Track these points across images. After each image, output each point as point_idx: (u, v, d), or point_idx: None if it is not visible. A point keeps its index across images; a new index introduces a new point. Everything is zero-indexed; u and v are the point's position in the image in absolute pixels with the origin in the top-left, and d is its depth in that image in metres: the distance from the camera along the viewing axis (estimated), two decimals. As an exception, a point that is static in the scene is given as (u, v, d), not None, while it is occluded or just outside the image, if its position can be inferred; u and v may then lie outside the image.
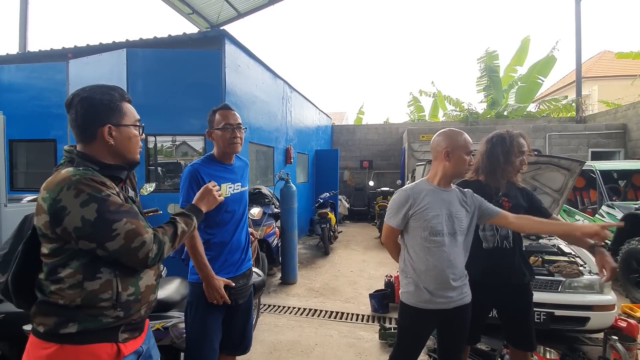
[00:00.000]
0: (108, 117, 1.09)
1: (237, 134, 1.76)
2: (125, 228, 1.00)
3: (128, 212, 1.03)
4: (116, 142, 1.11)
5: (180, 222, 1.20)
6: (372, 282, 4.61)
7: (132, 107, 1.18)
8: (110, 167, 1.12)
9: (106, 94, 1.11)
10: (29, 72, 4.84)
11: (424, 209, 1.62)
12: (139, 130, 1.18)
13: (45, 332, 1.00)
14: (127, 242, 1.00)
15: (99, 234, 0.98)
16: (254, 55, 5.05)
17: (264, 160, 5.84)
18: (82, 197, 0.96)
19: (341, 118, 20.51)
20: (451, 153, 1.63)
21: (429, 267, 1.62)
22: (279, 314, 3.66)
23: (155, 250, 1.05)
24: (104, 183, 1.04)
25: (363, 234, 8.07)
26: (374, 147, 10.56)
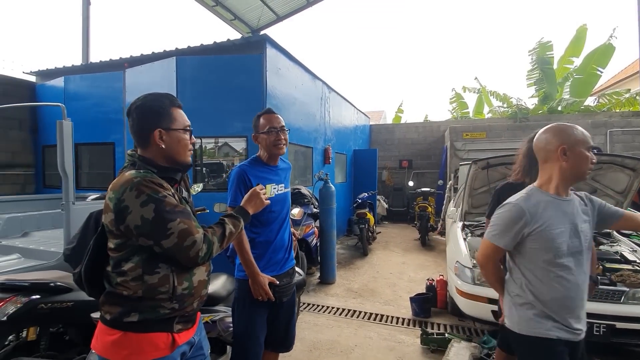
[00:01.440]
0: (159, 122, 1.17)
1: (281, 136, 1.84)
2: (179, 227, 1.07)
3: (182, 213, 1.10)
4: (167, 145, 1.18)
5: (229, 224, 1.26)
6: (412, 285, 4.50)
7: (182, 113, 1.25)
8: (166, 170, 1.20)
9: (157, 100, 1.20)
10: (91, 81, 5.30)
11: (546, 226, 1.34)
12: (188, 134, 1.24)
13: (111, 319, 1.11)
14: (180, 241, 1.07)
15: (156, 232, 1.06)
16: (294, 58, 5.14)
17: (303, 160, 5.92)
18: (142, 197, 1.05)
19: (379, 117, 20.22)
20: (569, 150, 1.34)
21: (557, 297, 1.35)
22: (319, 313, 3.70)
23: (205, 249, 1.11)
24: (161, 185, 1.11)
25: (402, 235, 7.91)
26: (414, 146, 10.29)
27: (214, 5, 9.31)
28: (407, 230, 8.32)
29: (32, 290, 1.96)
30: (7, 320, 1.84)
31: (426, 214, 6.88)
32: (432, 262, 5.67)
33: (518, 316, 1.43)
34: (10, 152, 5.65)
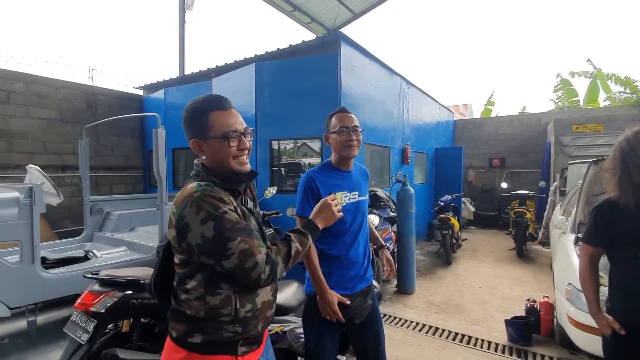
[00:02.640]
0: (193, 132, 1.10)
1: (353, 136, 1.66)
2: (239, 248, 0.98)
3: (243, 230, 1.01)
4: (207, 155, 1.10)
5: (295, 241, 1.15)
6: (507, 304, 3.91)
7: (226, 116, 1.09)
8: (228, 180, 1.12)
9: (194, 107, 1.10)
10: (184, 92, 5.85)
11: None
12: (230, 140, 1.08)
13: (177, 337, 1.07)
14: (241, 262, 0.99)
15: (216, 252, 0.99)
16: (369, 54, 4.91)
17: (380, 161, 5.65)
18: (201, 214, 0.98)
19: (465, 111, 18.60)
20: None
21: None
22: (395, 327, 3.43)
23: (268, 271, 1.02)
24: (222, 199, 1.04)
25: (493, 243, 7.04)
26: (507, 142, 9.10)
27: (292, 10, 9.57)
28: (498, 238, 7.40)
29: (126, 286, 2.13)
30: (105, 312, 2.04)
31: (524, 220, 5.97)
32: (531, 277, 4.89)
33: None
34: (125, 156, 6.57)
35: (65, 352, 2.04)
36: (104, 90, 6.23)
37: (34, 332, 2.88)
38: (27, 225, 2.65)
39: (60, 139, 5.58)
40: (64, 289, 2.75)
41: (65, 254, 3.67)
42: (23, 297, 2.62)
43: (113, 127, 6.29)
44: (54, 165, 5.51)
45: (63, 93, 5.64)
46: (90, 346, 2.00)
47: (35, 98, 5.33)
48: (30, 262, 2.66)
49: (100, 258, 3.55)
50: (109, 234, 4.31)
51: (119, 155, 6.47)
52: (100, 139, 6.15)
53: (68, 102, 5.70)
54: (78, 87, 5.86)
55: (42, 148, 5.41)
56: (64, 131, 5.62)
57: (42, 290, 2.71)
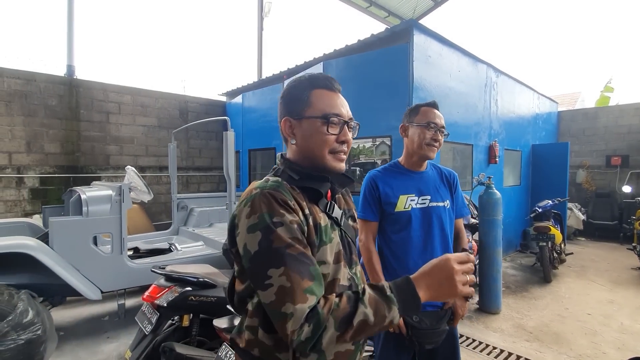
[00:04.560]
0: (288, 109, 0.91)
1: (438, 136, 1.51)
2: (279, 281, 0.72)
3: (294, 260, 0.73)
4: (297, 139, 0.89)
5: (367, 305, 0.73)
6: (627, 340, 3.10)
7: (330, 96, 0.90)
8: (310, 177, 0.88)
9: (296, 81, 0.93)
10: (259, 95, 6.11)
11: None
12: (330, 126, 0.87)
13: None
14: (277, 302, 0.72)
15: (254, 275, 0.77)
16: (448, 41, 4.41)
17: (460, 160, 5.06)
18: (252, 219, 0.77)
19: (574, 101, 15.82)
20: None
21: None
22: (473, 351, 2.98)
23: (308, 333, 0.70)
24: (286, 202, 0.79)
25: (609, 259, 5.75)
26: (631, 136, 7.37)
27: (368, 6, 9.33)
28: (617, 253, 6.02)
29: (186, 282, 2.23)
30: (167, 306, 2.15)
31: (655, 234, 4.72)
32: (667, 308, 3.81)
33: None
34: (210, 157, 7.19)
35: (134, 339, 2.22)
36: (193, 99, 6.90)
37: (123, 314, 3.27)
38: (117, 219, 3.00)
39: (158, 142, 6.36)
40: (145, 278, 3.05)
41: (153, 245, 4.11)
42: (113, 283, 2.98)
43: (200, 131, 6.94)
44: (153, 166, 6.31)
45: (161, 102, 6.42)
46: (154, 337, 2.14)
47: (140, 108, 6.16)
48: (119, 252, 3.01)
49: (180, 251, 3.89)
50: (191, 228, 4.72)
51: (205, 157, 7.11)
52: (190, 142, 6.84)
53: (165, 110, 6.46)
54: (172, 96, 6.60)
55: (144, 151, 6.23)
56: (161, 136, 6.39)
57: (128, 278, 3.04)
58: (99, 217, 2.90)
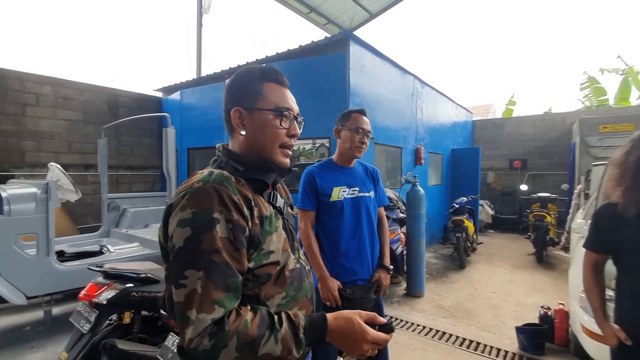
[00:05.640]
0: (238, 99, 0.88)
1: (365, 140, 1.78)
2: (193, 285, 0.69)
3: (215, 266, 0.71)
4: (247, 131, 0.88)
5: (279, 342, 0.72)
6: (521, 312, 3.75)
7: (282, 90, 0.91)
8: (256, 167, 0.88)
9: (246, 72, 0.91)
10: (198, 93, 5.99)
11: None
12: (282, 119, 0.88)
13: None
14: (184, 305, 0.69)
15: (171, 269, 0.74)
16: (380, 53, 4.85)
17: (391, 161, 5.57)
18: (186, 213, 0.73)
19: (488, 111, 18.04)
20: None
21: None
22: (401, 330, 3.36)
23: (207, 346, 0.67)
24: (231, 199, 0.76)
25: (511, 247, 6.78)
26: (529, 143, 8.76)
27: (308, 12, 9.62)
28: (517, 242, 7.12)
29: (127, 279, 2.21)
30: (107, 303, 2.11)
31: (544, 224, 5.72)
32: (550, 284, 4.67)
33: None
34: (144, 156, 6.80)
35: (70, 340, 2.13)
36: (125, 93, 6.48)
37: (50, 321, 3.04)
38: (43, 219, 2.79)
39: (83, 139, 5.85)
40: (76, 281, 2.88)
41: (82, 248, 3.84)
42: (38, 287, 2.77)
43: (133, 128, 6.53)
44: (77, 164, 5.78)
45: (87, 95, 5.92)
46: (92, 336, 2.08)
47: (62, 100, 5.61)
48: (46, 254, 2.81)
49: (113, 253, 3.70)
50: (124, 230, 4.48)
51: (138, 155, 6.71)
52: (121, 139, 6.40)
53: (91, 104, 5.97)
54: (101, 89, 6.12)
55: (67, 147, 5.69)
56: (87, 132, 5.89)
57: (56, 282, 2.85)
58: (23, 216, 2.67)
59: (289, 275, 0.88)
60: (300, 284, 0.92)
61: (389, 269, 1.86)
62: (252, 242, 0.80)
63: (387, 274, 1.84)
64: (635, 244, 1.35)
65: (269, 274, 0.83)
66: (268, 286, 0.83)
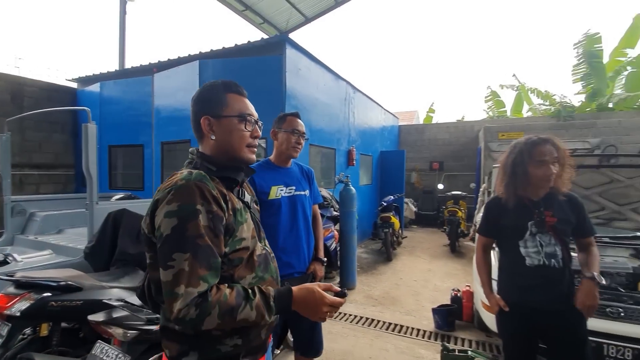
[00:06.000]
0: (206, 109, 1.02)
1: (300, 140, 1.89)
2: (181, 265, 0.82)
3: (200, 249, 0.84)
4: (217, 136, 1.01)
5: (253, 309, 0.88)
6: (437, 295, 4.26)
7: (242, 100, 1.06)
8: (226, 168, 1.02)
9: (210, 86, 1.06)
10: (123, 86, 5.56)
11: None
12: (246, 124, 1.03)
13: (171, 357, 0.97)
14: (172, 283, 0.82)
15: (161, 254, 0.85)
16: (315, 58, 5.06)
17: (326, 162, 5.83)
18: (172, 206, 0.86)
19: (412, 117, 19.63)
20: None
21: None
22: (334, 320, 3.59)
23: (193, 315, 0.81)
24: (211, 193, 0.90)
25: (430, 240, 7.57)
26: (445, 147, 9.84)
27: (243, 9, 9.48)
28: (436, 235, 7.96)
29: (44, 288, 2.02)
30: (20, 315, 1.91)
31: (456, 218, 6.52)
32: (460, 270, 5.35)
33: None
34: (54, 153, 6.06)
35: (-27, 359, 1.88)
36: (32, 82, 5.71)
37: None
38: None
39: (-25, 132, 5.01)
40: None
41: (-23, 259, 3.32)
42: None
43: (41, 122, 5.79)
44: (-34, 161, 4.93)
45: (-20, 82, 5.09)
46: (4, 351, 1.87)
47: (-56, 86, 4.75)
48: None
49: (20, 262, 3.26)
50: (33, 236, 3.96)
51: (47, 152, 5.96)
52: (26, 134, 5.63)
53: (-14, 92, 5.15)
54: (2, 77, 5.31)
55: (-49, 142, 4.82)
56: (-21, 124, 5.05)
57: (-55, 298, 2.44)
58: None
59: (257, 260, 1.03)
60: (267, 266, 1.07)
61: (323, 261, 2.02)
62: (228, 230, 0.94)
63: (322, 266, 1.99)
64: (511, 228, 1.71)
65: (241, 258, 0.97)
66: (240, 268, 0.97)
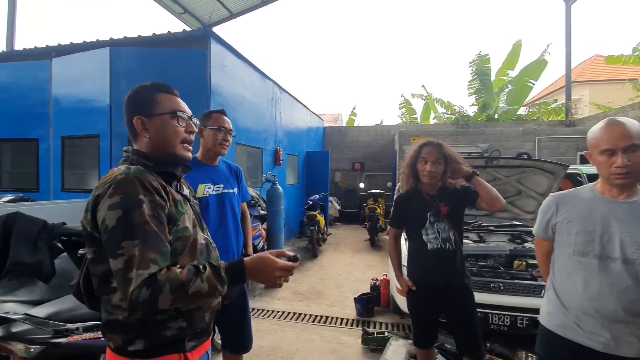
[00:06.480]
0: (138, 109, 1.04)
1: (227, 137, 1.88)
2: (130, 252, 0.85)
3: (147, 235, 0.87)
4: (151, 134, 1.03)
5: (204, 281, 0.88)
6: (359, 286, 4.57)
7: (173, 98, 1.08)
8: (164, 164, 1.05)
9: (141, 86, 1.07)
10: (12, 70, 4.75)
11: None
12: (179, 120, 1.06)
13: (116, 348, 0.97)
14: (124, 269, 0.84)
15: (110, 245, 0.87)
16: (242, 56, 5.00)
17: (252, 161, 5.79)
18: (115, 198, 0.87)
19: (336, 120, 20.49)
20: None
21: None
22: (262, 318, 3.61)
23: (145, 295, 0.83)
24: (152, 185, 0.93)
25: (353, 236, 8.04)
26: (366, 149, 10.55)
27: (161, -4, 8.82)
28: (358, 232, 8.48)
29: None
30: None
31: (375, 215, 7.06)
32: (379, 262, 5.82)
33: None
34: None
35: None
36: None
37: None
38: None
39: None
40: None
41: None
42: None
43: None
44: None
45: None
46: None
47: None
48: None
49: None
50: None
51: None
52: None
53: None
54: None
55: None
56: None
57: None
58: None
59: (199, 248, 1.07)
60: (209, 255, 1.12)
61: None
62: (171, 219, 0.97)
63: None
64: (415, 219, 2.00)
65: (184, 246, 1.01)
66: (183, 256, 1.01)
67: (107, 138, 4.15)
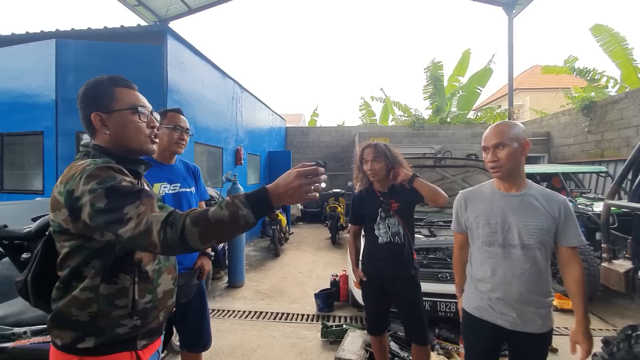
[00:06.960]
0: (95, 105, 1.00)
1: (184, 136, 1.88)
2: (137, 211, 0.84)
3: (140, 193, 0.87)
4: (111, 131, 1.00)
5: (224, 208, 0.82)
6: (320, 282, 4.68)
7: (132, 92, 1.05)
8: (125, 160, 1.02)
9: (96, 81, 1.03)
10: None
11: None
12: (140, 115, 1.03)
13: (63, 345, 0.94)
14: (137, 226, 0.83)
15: (112, 221, 0.84)
16: (200, 53, 4.92)
17: (213, 161, 5.70)
18: (92, 185, 0.86)
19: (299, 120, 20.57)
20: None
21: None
22: (223, 318, 3.60)
23: (172, 234, 0.80)
24: (121, 170, 0.94)
25: (315, 235, 8.16)
26: (327, 149, 10.74)
27: (112, -14, 8.36)
28: (320, 230, 8.62)
29: None
30: None
31: (336, 213, 7.23)
32: (340, 259, 5.98)
33: None
34: None
35: None
36: None
37: None
38: None
39: None
40: None
41: None
42: None
43: None
44: None
45: None
46: None
47: None
48: None
49: None
50: None
51: None
52: None
53: None
54: None
55: None
56: None
57: None
58: None
59: None
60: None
61: (210, 255, 2.08)
62: None
63: (209, 260, 2.05)
64: (369, 215, 2.14)
65: None
66: (145, 253, 1.01)
67: (53, 135, 3.89)
